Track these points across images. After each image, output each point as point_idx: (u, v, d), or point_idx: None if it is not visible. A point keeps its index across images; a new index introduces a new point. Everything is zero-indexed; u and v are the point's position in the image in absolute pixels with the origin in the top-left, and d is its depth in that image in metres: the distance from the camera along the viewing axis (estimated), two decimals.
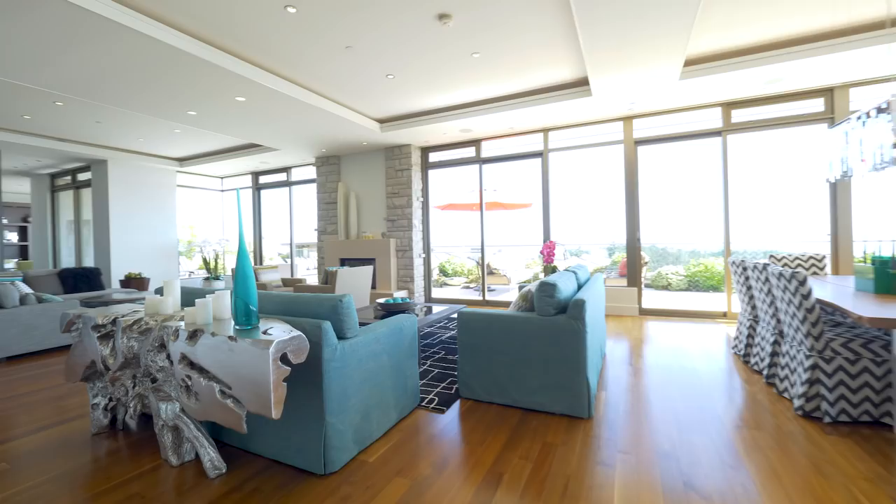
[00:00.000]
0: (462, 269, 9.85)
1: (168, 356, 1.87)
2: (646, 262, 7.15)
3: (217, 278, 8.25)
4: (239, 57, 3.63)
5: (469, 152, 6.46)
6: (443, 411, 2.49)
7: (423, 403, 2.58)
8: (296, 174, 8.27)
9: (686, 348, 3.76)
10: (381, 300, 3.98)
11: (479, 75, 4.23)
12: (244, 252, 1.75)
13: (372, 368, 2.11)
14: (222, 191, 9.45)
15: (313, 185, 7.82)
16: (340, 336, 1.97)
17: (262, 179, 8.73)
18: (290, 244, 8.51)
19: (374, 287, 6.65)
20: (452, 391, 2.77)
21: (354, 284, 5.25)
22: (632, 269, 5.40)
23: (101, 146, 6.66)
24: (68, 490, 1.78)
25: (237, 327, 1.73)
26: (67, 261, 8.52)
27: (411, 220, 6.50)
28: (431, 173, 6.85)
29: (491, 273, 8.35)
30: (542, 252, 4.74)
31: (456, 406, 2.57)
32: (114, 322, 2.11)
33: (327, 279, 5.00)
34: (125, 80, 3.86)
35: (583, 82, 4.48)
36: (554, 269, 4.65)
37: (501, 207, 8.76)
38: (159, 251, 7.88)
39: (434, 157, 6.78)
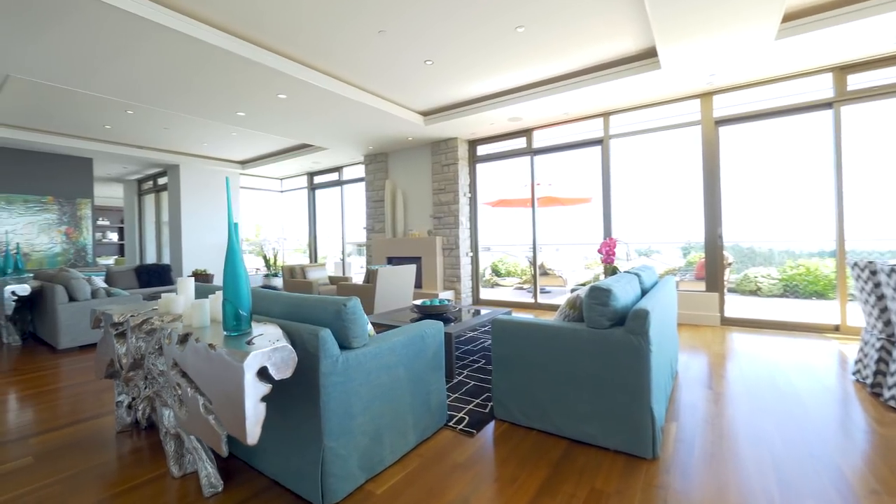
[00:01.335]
0: (515, 268, 9.35)
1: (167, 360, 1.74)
2: (729, 263, 6.17)
3: (276, 275, 8.60)
4: (270, 49, 3.56)
5: (519, 143, 6.00)
6: (472, 435, 2.14)
7: (451, 423, 2.25)
8: (347, 173, 8.36)
9: (785, 369, 3.04)
10: (418, 301, 3.72)
11: (526, 53, 3.80)
12: (234, 249, 1.55)
13: (384, 383, 1.83)
14: (281, 191, 9.86)
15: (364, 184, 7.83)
16: (345, 346, 1.70)
17: (317, 180, 8.95)
18: (342, 242, 8.62)
19: (419, 287, 6.45)
20: (487, 410, 2.41)
21: (396, 284, 5.07)
22: (711, 271, 4.61)
23: (172, 152, 7.18)
24: (71, 494, 1.71)
25: (225, 333, 1.53)
26: (151, 258, 9.40)
27: (458, 217, 6.20)
28: (479, 167, 6.49)
29: (545, 274, 7.80)
30: (600, 251, 4.18)
31: (489, 429, 2.21)
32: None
33: (369, 278, 4.87)
34: (173, 83, 3.98)
35: (649, 54, 3.86)
36: (614, 271, 4.07)
37: (557, 203, 8.14)
38: (223, 249, 8.37)
39: (482, 150, 6.41)
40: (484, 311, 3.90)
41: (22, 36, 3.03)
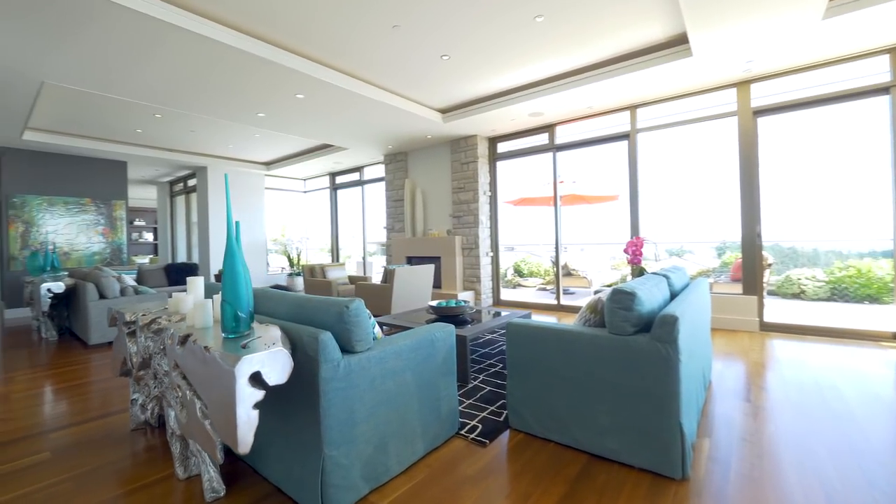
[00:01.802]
0: (538, 269, 9.14)
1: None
2: (769, 264, 5.77)
3: (298, 274, 8.72)
4: (284, 48, 3.54)
5: (541, 139, 5.82)
6: (484, 445, 2.03)
7: (463, 432, 2.14)
8: (368, 173, 8.38)
9: (834, 381, 2.76)
10: (434, 303, 3.63)
11: (546, 45, 3.64)
12: (233, 249, 1.50)
13: (390, 389, 1.74)
14: (305, 192, 10.01)
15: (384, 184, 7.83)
16: (348, 350, 1.63)
17: (338, 180, 9.03)
18: (363, 242, 8.65)
19: (438, 287, 6.37)
20: (501, 418, 2.29)
21: (414, 284, 5.00)
22: (749, 273, 4.30)
23: (200, 154, 7.39)
24: (78, 493, 1.71)
25: (223, 335, 1.48)
26: (183, 257, 9.74)
27: (477, 217, 6.07)
28: (500, 165, 6.33)
29: (569, 274, 7.56)
30: (626, 251, 3.96)
31: (503, 439, 2.09)
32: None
33: (386, 278, 4.82)
34: (191, 85, 4.04)
35: (678, 41, 3.62)
36: (641, 272, 3.85)
37: (582, 201, 7.88)
38: (249, 248, 8.56)
39: (502, 147, 6.26)
40: (504, 312, 3.77)
41: (52, 43, 3.13)
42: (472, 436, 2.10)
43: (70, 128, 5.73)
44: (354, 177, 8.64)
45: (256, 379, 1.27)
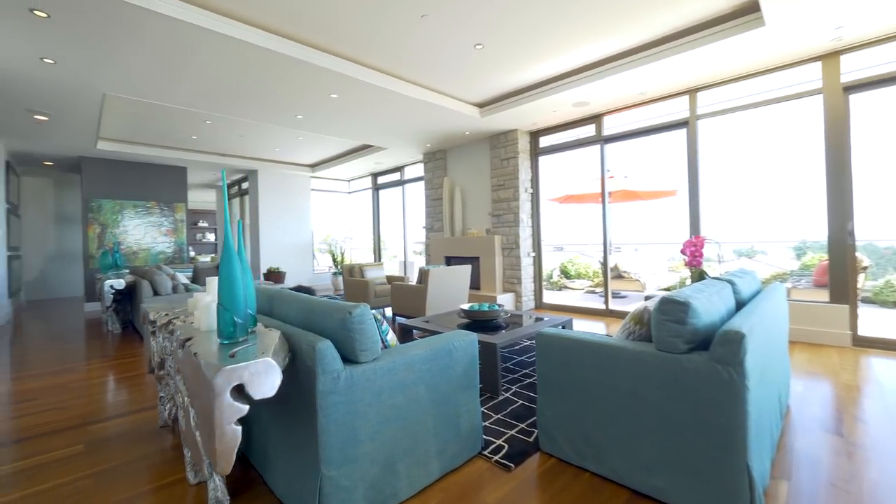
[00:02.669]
0: (587, 270, 8.62)
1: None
2: (864, 267, 4.94)
3: (341, 273, 8.90)
4: (312, 46, 3.49)
5: (587, 131, 5.41)
6: (509, 469, 1.81)
7: (486, 452, 1.93)
8: (408, 173, 8.35)
9: None
10: (466, 305, 3.44)
11: (590, 25, 3.31)
12: (230, 250, 1.41)
13: (400, 404, 1.58)
14: (349, 192, 10.21)
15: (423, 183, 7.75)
16: (351, 359, 1.49)
17: (380, 180, 9.09)
18: (404, 242, 8.64)
19: (477, 288, 6.16)
20: (531, 438, 2.05)
21: (451, 284, 4.83)
22: (838, 277, 3.67)
23: (250, 158, 7.74)
24: (97, 491, 1.72)
25: (219, 341, 1.40)
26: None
27: (518, 215, 5.78)
28: (542, 160, 5.99)
29: (619, 276, 7.02)
30: (683, 251, 3.52)
31: (531, 463, 1.86)
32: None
33: (421, 278, 4.70)
34: (228, 90, 4.14)
35: (747, 9, 3.13)
36: (701, 275, 3.40)
37: (636, 198, 7.32)
38: (296, 249, 8.87)
39: (545, 141, 5.91)
40: (547, 317, 3.49)
41: (104, 56, 3.32)
42: (497, 457, 1.89)
43: (135, 136, 6.21)
44: (395, 177, 8.66)
45: (240, 392, 1.15)
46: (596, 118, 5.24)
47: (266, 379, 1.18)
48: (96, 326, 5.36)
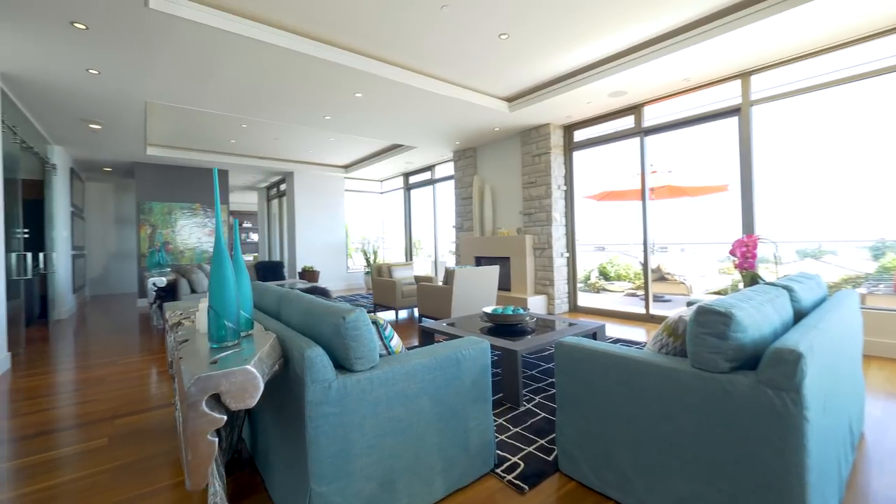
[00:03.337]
0: (627, 271, 8.17)
1: None
2: None
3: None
4: (332, 44, 3.46)
5: (625, 123, 5.06)
6: (523, 491, 1.64)
7: (499, 470, 1.78)
8: (439, 172, 8.27)
9: None
10: (489, 309, 3.28)
11: (626, 6, 3.04)
12: (221, 249, 1.35)
13: (400, 416, 1.47)
14: (381, 193, 10.29)
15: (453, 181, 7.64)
16: (345, 367, 1.39)
17: (411, 180, 9.08)
18: (434, 241, 8.57)
19: (507, 290, 5.96)
20: (551, 457, 1.87)
21: (478, 285, 4.68)
22: None
23: (286, 160, 7.97)
24: (109, 488, 1.74)
25: (209, 345, 1.35)
26: (276, 256, 10.71)
27: (550, 214, 5.52)
28: (577, 156, 5.69)
29: (662, 279, 6.55)
30: (732, 252, 3.17)
31: (548, 485, 1.68)
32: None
33: (447, 279, 4.58)
34: (260, 92, 4.22)
35: None
36: (754, 279, 3.03)
37: (682, 194, 6.81)
38: (330, 248, 9.05)
39: (579, 135, 5.60)
40: (578, 321, 3.27)
41: (141, 64, 3.48)
42: (510, 476, 1.73)
43: (180, 142, 6.55)
44: (426, 176, 8.61)
45: (217, 402, 1.08)
46: (635, 108, 4.88)
47: (245, 389, 1.11)
48: (145, 321, 5.69)
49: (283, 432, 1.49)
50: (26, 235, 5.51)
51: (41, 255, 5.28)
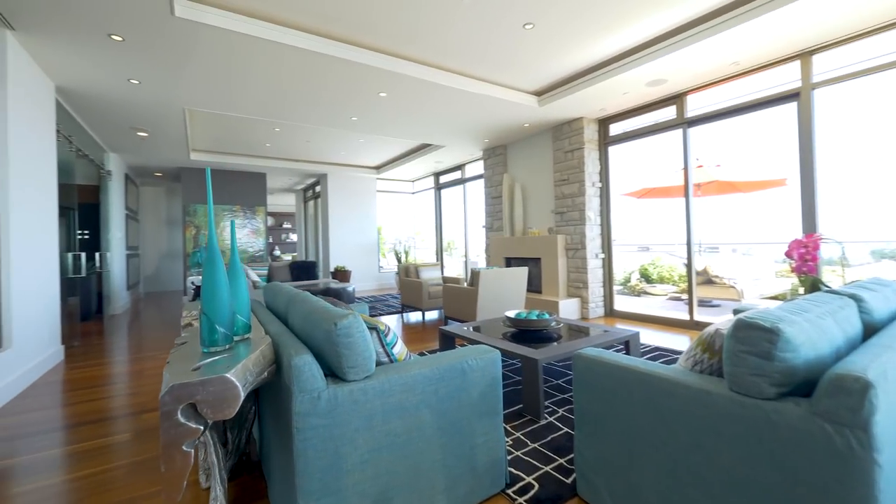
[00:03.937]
0: (671, 273, 7.67)
1: None
2: None
3: None
4: (353, 43, 3.43)
5: (666, 114, 4.70)
6: None
7: (511, 491, 1.64)
8: (469, 171, 8.14)
9: None
10: (512, 313, 3.12)
11: None
12: (213, 254, 1.31)
13: (397, 430, 1.37)
14: (413, 193, 10.31)
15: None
16: (338, 376, 1.31)
17: (442, 179, 9.01)
18: (465, 241, 8.45)
19: (538, 292, 5.73)
20: (569, 480, 1.71)
21: (504, 287, 4.52)
22: None
23: (319, 162, 8.15)
24: (122, 484, 1.77)
25: (201, 349, 1.31)
26: (312, 255, 11.02)
27: (584, 212, 5.24)
28: (612, 151, 5.37)
29: (709, 282, 6.06)
30: (789, 254, 2.82)
31: None
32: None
33: (472, 280, 4.45)
34: (286, 95, 4.29)
35: None
36: (815, 285, 2.67)
37: (733, 189, 6.28)
38: (362, 248, 9.17)
39: (615, 128, 5.28)
40: (612, 328, 3.04)
41: (175, 73, 3.62)
42: (522, 499, 1.59)
43: (220, 147, 6.85)
44: (456, 175, 8.51)
45: (195, 411, 1.03)
46: (676, 98, 4.52)
47: (223, 399, 1.05)
48: None
49: (279, 441, 1.44)
50: (86, 236, 5.96)
51: (97, 254, 5.69)
